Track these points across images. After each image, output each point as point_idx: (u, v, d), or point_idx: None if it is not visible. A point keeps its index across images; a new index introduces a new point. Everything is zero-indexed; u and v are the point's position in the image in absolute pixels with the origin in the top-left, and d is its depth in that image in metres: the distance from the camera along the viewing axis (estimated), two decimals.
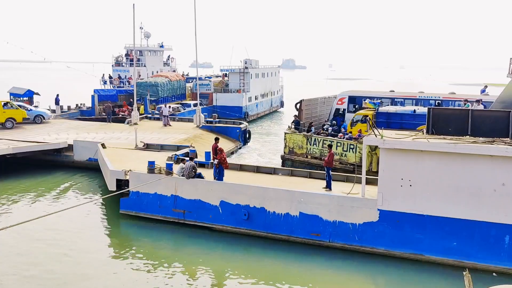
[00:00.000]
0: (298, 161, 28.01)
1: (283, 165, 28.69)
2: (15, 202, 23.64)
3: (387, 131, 18.85)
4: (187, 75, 68.62)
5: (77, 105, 49.18)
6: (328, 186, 19.63)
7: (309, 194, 18.50)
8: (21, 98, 44.43)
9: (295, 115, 32.19)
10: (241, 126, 36.87)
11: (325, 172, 20.32)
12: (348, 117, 32.16)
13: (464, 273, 11.71)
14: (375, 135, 17.53)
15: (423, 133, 18.10)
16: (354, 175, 20.47)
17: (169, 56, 69.52)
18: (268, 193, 18.97)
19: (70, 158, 30.08)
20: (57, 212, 14.93)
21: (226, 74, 59.78)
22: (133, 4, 39.64)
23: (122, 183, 22.03)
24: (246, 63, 57.57)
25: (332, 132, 29.84)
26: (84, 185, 26.91)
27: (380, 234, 17.40)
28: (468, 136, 16.87)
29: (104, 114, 43.46)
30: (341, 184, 20.56)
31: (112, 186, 22.29)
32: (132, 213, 21.35)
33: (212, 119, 39.77)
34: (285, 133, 29.66)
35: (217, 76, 65.75)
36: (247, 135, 37.20)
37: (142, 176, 21.00)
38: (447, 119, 17.66)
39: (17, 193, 24.99)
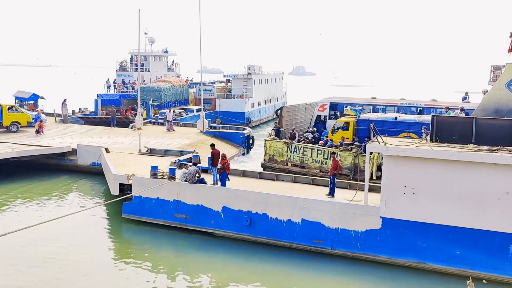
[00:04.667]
0: (278, 169, 27.44)
1: None
2: (18, 205, 23.67)
3: (390, 138, 18.81)
4: (191, 80, 68.80)
5: (80, 109, 49.36)
6: (331, 193, 19.58)
7: (312, 201, 18.44)
8: (26, 102, 44.63)
9: (276, 122, 31.93)
10: (245, 131, 36.85)
11: (329, 179, 20.25)
12: (330, 124, 31.97)
13: (468, 282, 11.65)
14: (378, 142, 17.49)
15: (426, 141, 18.04)
16: (357, 182, 20.41)
17: (173, 61, 69.75)
18: (270, 199, 18.92)
19: (74, 162, 30.13)
20: (58, 218, 14.91)
21: (229, 79, 59.90)
22: (139, 10, 39.89)
23: (125, 188, 22.04)
24: (249, 69, 57.66)
25: (313, 140, 29.67)
26: (87, 189, 26.94)
27: (383, 242, 17.31)
28: (472, 144, 16.81)
29: (108, 116, 43.58)
30: (344, 191, 20.50)
31: (115, 190, 22.30)
32: (134, 218, 21.33)
33: (215, 125, 39.80)
34: (266, 140, 29.36)
35: (220, 82, 65.90)
36: (251, 141, 37.17)
37: (145, 181, 21.00)
38: (451, 127, 17.60)
39: (20, 196, 25.03)
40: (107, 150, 27.98)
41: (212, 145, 21.64)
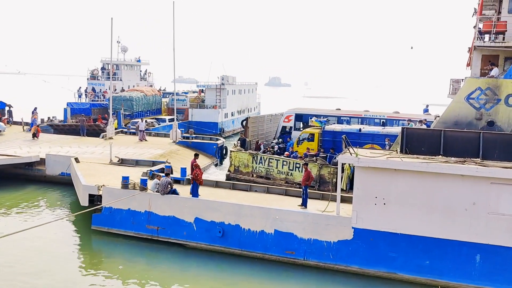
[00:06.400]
0: (244, 180, 26.98)
1: None
2: None
3: (361, 149, 19.08)
4: (164, 90, 68.34)
5: (49, 118, 48.30)
6: (304, 204, 19.66)
7: (285, 212, 18.48)
8: None
9: (241, 133, 31.84)
10: (218, 142, 36.72)
11: (301, 189, 20.34)
12: (295, 135, 32.21)
13: None
14: (350, 153, 17.71)
15: (396, 152, 18.37)
16: (330, 193, 20.58)
17: (146, 71, 69.18)
18: (243, 210, 18.88)
19: (42, 172, 29.39)
20: (25, 230, 14.49)
21: (202, 90, 59.77)
22: (111, 18, 39.44)
23: (95, 199, 21.61)
24: (223, 80, 57.72)
25: (278, 151, 29.79)
26: (56, 200, 26.31)
27: (354, 252, 17.46)
28: (440, 156, 17.20)
29: (78, 124, 42.74)
30: (317, 202, 20.61)
31: (84, 201, 21.84)
32: (104, 229, 20.92)
33: (188, 135, 39.54)
34: (231, 151, 29.25)
35: (194, 92, 65.70)
36: (224, 151, 37.04)
37: (116, 192, 20.65)
38: (420, 139, 17.99)
39: None
40: (76, 160, 27.43)
41: (196, 155, 21.57)
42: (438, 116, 22.40)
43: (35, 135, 36.62)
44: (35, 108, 43.85)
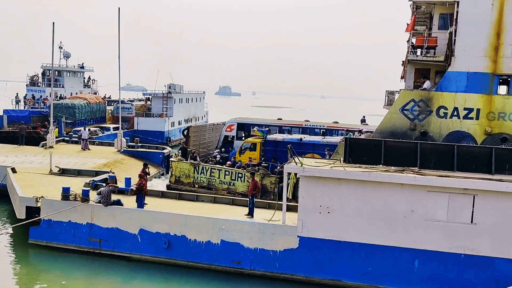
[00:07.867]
0: (185, 191, 26.27)
1: None
2: None
3: (307, 159, 19.42)
4: (109, 97, 66.71)
5: None
6: (250, 213, 19.72)
7: (231, 222, 18.44)
8: None
9: (183, 143, 31.63)
10: (164, 151, 36.16)
11: (248, 199, 20.40)
12: (237, 144, 32.44)
13: None
14: (296, 163, 17.97)
15: (340, 161, 18.83)
16: (276, 202, 20.76)
17: (89, 78, 67.27)
18: (189, 221, 18.66)
19: None
20: None
21: (149, 98, 58.87)
22: (53, 23, 38.09)
23: (32, 211, 20.64)
24: (170, 88, 57.13)
25: (221, 160, 29.80)
26: None
27: (300, 261, 17.67)
28: (381, 165, 17.81)
29: (16, 130, 40.71)
30: (263, 211, 20.73)
31: (21, 214, 20.77)
32: (43, 243, 20.00)
33: (134, 144, 38.69)
34: (172, 161, 28.91)
35: (140, 100, 64.58)
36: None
37: (55, 203, 19.83)
38: (362, 148, 18.56)
39: None
40: (13, 170, 26.10)
41: (145, 165, 21.07)
42: (368, 132, 23.34)
43: None
44: None
